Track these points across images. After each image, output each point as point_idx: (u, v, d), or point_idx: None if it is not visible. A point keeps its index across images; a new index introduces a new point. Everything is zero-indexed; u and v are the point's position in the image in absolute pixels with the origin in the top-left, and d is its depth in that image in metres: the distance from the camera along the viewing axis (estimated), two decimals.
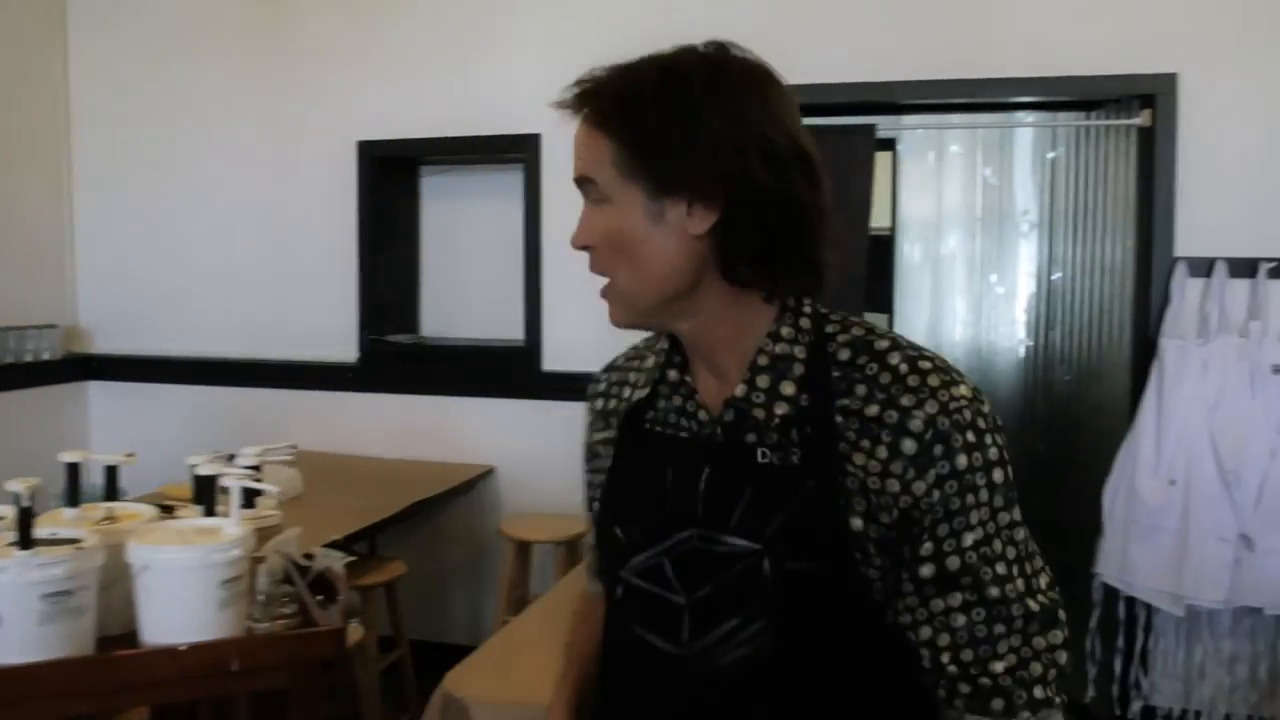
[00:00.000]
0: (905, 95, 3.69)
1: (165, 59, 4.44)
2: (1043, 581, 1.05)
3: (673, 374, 1.15)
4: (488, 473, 4.13)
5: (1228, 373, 3.25)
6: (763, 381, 1.07)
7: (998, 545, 1.03)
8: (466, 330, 4.43)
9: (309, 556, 1.97)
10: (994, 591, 1.02)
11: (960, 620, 1.03)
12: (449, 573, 4.27)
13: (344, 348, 4.31)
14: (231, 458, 2.19)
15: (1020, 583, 1.03)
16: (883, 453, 1.02)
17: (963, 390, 1.03)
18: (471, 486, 4.07)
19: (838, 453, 1.03)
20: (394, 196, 4.39)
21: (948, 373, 1.04)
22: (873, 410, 1.03)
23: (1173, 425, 3.27)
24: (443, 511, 4.14)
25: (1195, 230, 3.44)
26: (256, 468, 2.18)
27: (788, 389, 1.07)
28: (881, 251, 5.23)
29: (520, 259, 4.10)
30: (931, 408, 1.01)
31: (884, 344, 1.07)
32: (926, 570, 1.02)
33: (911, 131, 5.40)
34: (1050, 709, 1.03)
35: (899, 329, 5.64)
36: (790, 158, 1.04)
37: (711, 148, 1.01)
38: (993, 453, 1.03)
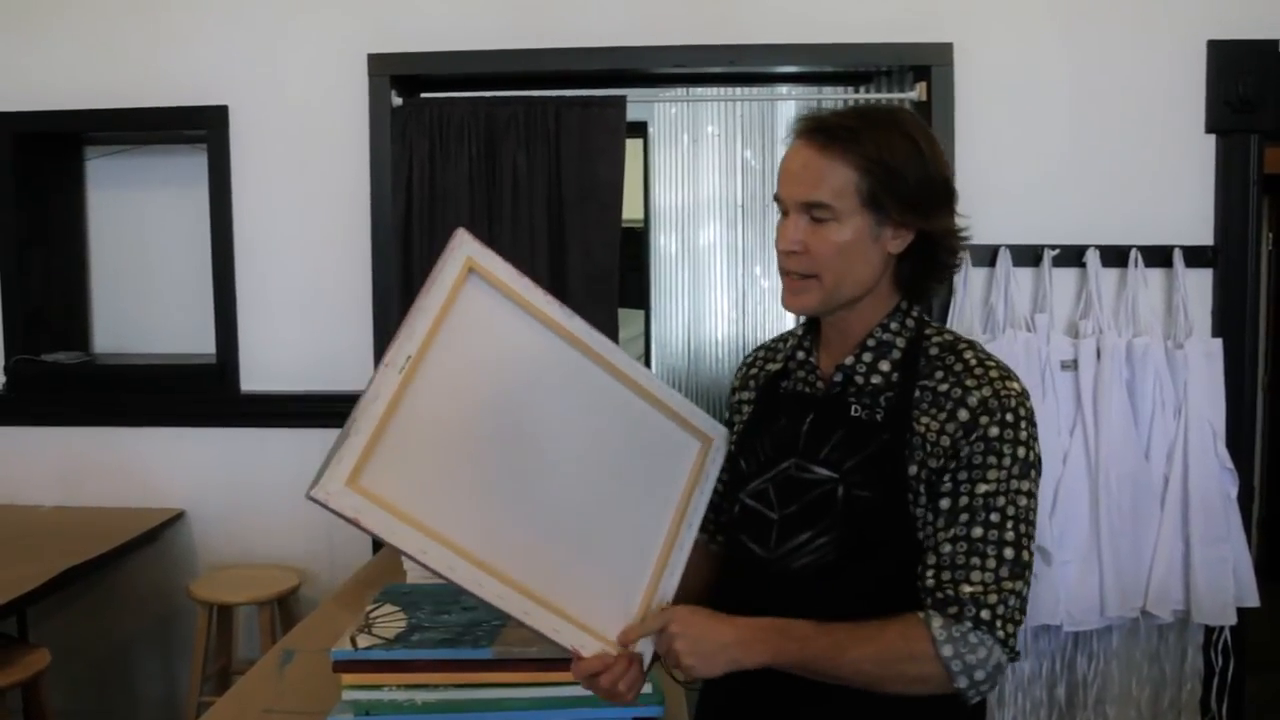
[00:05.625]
0: (657, 62, 3.23)
1: None
2: (1027, 542, 1.32)
3: (801, 354, 1.50)
4: (176, 517, 3.41)
5: (1017, 371, 2.95)
6: (867, 357, 1.41)
7: (1000, 501, 1.29)
8: (150, 345, 3.68)
9: None
10: (978, 532, 1.29)
11: (946, 548, 1.31)
12: (135, 642, 3.52)
13: None
14: None
15: (1010, 534, 1.29)
16: (943, 416, 1.33)
17: (1014, 385, 1.34)
18: (157, 535, 3.34)
19: (910, 417, 1.35)
20: (51, 182, 3.58)
21: (1007, 371, 1.36)
22: (944, 387, 1.35)
23: None
24: (123, 568, 3.40)
25: (976, 215, 3.13)
26: None
27: (884, 366, 1.40)
28: (635, 244, 4.87)
29: (209, 258, 3.40)
30: (986, 391, 1.32)
31: (963, 346, 1.40)
32: (944, 503, 1.32)
33: (665, 113, 5.04)
34: (991, 635, 1.27)
35: (656, 327, 5.39)
36: (952, 198, 1.41)
37: (927, 194, 1.36)
38: (1022, 434, 1.32)
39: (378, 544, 3.26)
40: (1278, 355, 5.37)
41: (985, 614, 1.27)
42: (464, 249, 1.27)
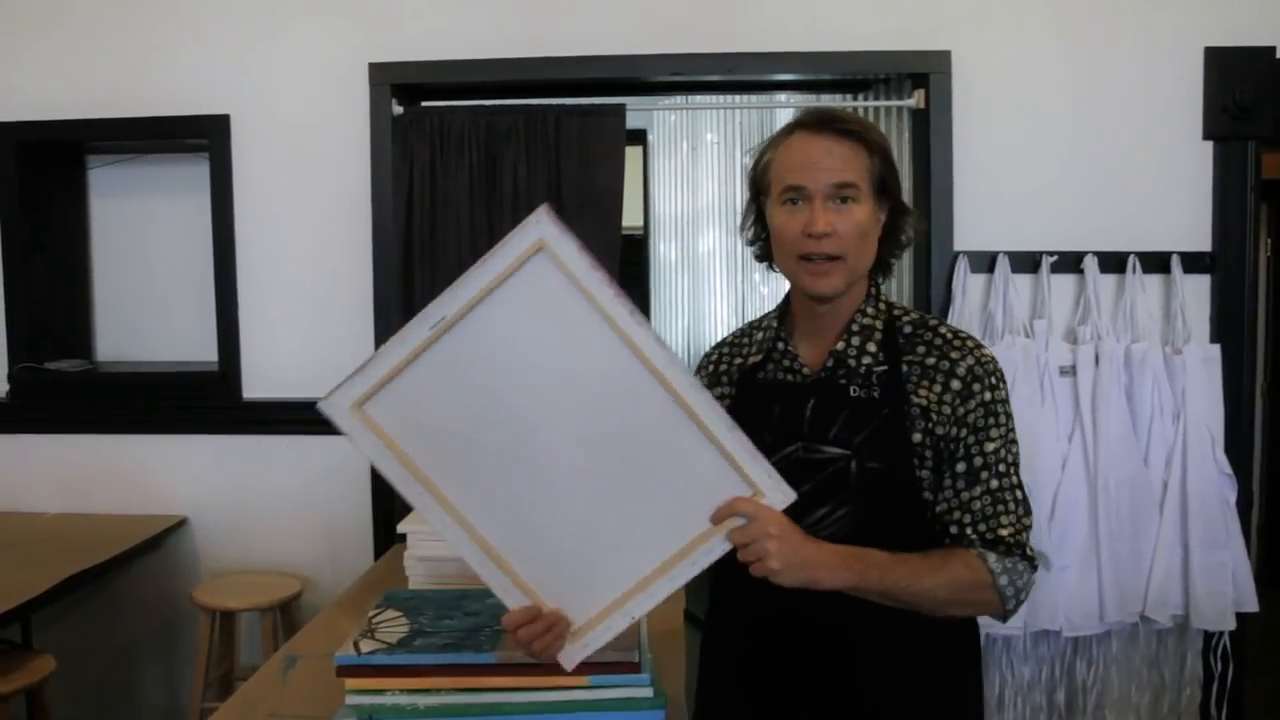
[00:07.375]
0: (656, 70, 3.25)
1: None
2: (1022, 480, 1.54)
3: (780, 345, 1.62)
4: (179, 524, 3.42)
5: (1015, 377, 2.99)
6: (855, 341, 1.57)
7: (1004, 453, 1.52)
8: (152, 353, 3.69)
9: None
10: (995, 484, 1.50)
11: (976, 505, 1.50)
12: (138, 648, 3.52)
13: None
14: None
15: (1015, 479, 1.53)
16: (938, 388, 1.52)
17: (987, 351, 1.55)
18: (159, 542, 3.35)
19: (904, 390, 1.52)
20: (53, 191, 3.60)
21: (976, 340, 1.56)
22: (930, 360, 1.54)
23: None
24: (126, 575, 3.41)
25: (975, 222, 3.17)
26: None
27: (870, 347, 1.56)
28: (635, 252, 4.88)
29: (211, 266, 3.41)
30: (970, 360, 1.53)
31: (933, 321, 1.59)
32: (960, 466, 1.51)
33: (664, 121, 5.04)
34: (1030, 564, 1.51)
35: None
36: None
37: (896, 172, 1.58)
38: (1004, 394, 1.54)
39: (380, 549, 3.27)
40: (1276, 361, 5.38)
41: (1027, 550, 1.50)
42: (538, 228, 1.28)
